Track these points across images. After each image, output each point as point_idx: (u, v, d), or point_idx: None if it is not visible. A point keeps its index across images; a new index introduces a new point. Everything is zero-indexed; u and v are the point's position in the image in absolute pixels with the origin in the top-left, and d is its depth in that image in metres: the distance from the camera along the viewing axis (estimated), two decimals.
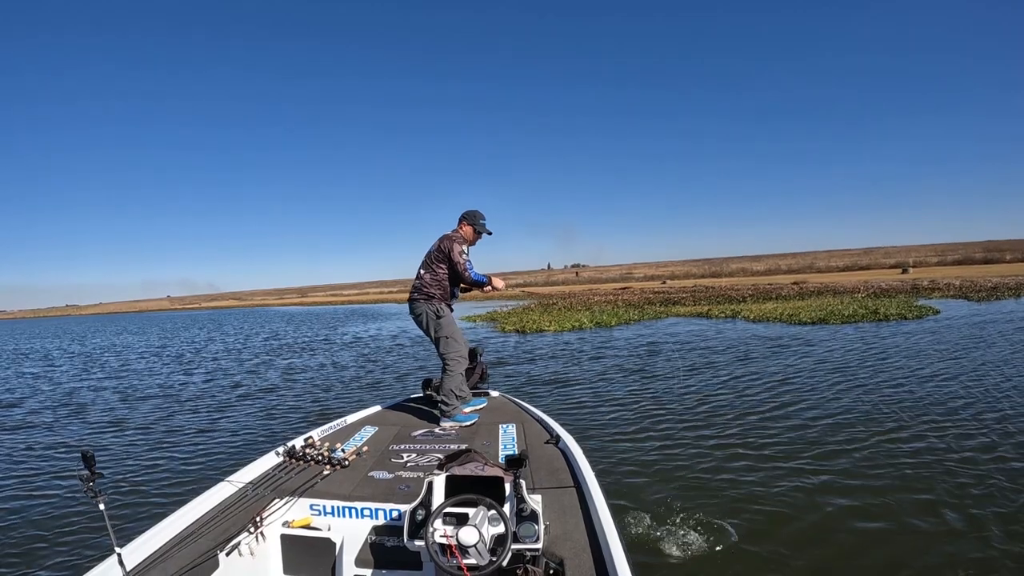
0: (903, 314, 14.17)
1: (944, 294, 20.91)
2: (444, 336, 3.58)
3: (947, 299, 19.20)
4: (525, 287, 70.56)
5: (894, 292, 22.06)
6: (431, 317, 3.59)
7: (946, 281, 27.13)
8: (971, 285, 23.22)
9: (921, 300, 18.46)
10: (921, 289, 23.06)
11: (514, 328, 17.17)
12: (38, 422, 7.63)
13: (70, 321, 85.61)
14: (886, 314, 14.24)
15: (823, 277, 46.36)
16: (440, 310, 3.60)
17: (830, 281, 36.17)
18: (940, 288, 23.04)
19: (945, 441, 4.57)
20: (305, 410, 7.27)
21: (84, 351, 20.89)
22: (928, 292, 21.76)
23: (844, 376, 7.33)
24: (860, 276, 43.42)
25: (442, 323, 3.59)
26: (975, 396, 5.93)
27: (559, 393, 7.36)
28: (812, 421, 5.37)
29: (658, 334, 13.64)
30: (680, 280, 64.02)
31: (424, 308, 3.59)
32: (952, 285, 24.13)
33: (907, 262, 54.84)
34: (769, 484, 3.87)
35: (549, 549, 1.86)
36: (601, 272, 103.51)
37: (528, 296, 39.54)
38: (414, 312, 3.67)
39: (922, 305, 16.18)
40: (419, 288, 3.62)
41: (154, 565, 1.87)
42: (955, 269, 45.50)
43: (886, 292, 22.21)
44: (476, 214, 3.71)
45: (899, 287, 24.52)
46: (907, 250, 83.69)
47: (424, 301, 3.60)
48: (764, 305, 19.28)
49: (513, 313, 22.89)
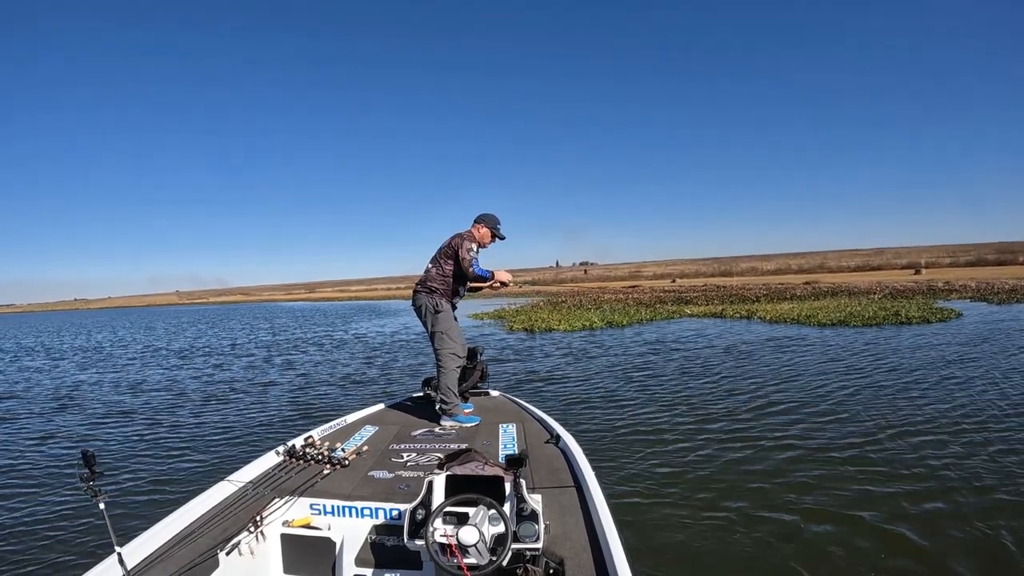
0: (926, 317, 13.71)
1: (961, 296, 20.54)
2: (439, 331, 3.60)
3: (965, 301, 18.81)
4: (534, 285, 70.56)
5: (911, 293, 21.67)
6: (429, 310, 3.61)
7: (961, 283, 26.66)
8: (988, 287, 22.80)
9: (939, 302, 18.09)
10: (937, 291, 22.63)
11: (522, 327, 16.87)
12: (38, 420, 7.67)
13: (78, 315, 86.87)
14: (908, 316, 13.80)
15: (835, 277, 45.78)
16: (439, 304, 3.61)
17: (842, 281, 35.71)
18: (957, 290, 22.64)
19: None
20: (305, 409, 7.28)
21: (88, 346, 21.09)
22: (946, 294, 21.34)
23: (876, 382, 7.03)
24: (873, 277, 42.81)
25: (439, 318, 3.60)
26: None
27: (569, 397, 7.10)
28: (831, 425, 5.24)
29: (673, 335, 13.33)
30: (690, 279, 63.58)
31: (424, 301, 3.62)
32: (968, 287, 23.72)
33: (919, 263, 54.11)
34: (794, 494, 3.73)
35: (549, 549, 1.86)
36: (610, 270, 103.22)
37: (536, 293, 39.53)
38: (415, 304, 3.71)
39: (942, 307, 15.79)
40: (423, 281, 3.67)
41: (154, 564, 1.87)
42: (969, 271, 44.70)
43: (902, 293, 21.83)
44: (493, 217, 3.78)
45: (915, 288, 24.12)
46: (918, 251, 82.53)
47: (426, 294, 3.63)
48: (779, 305, 18.99)
49: (521, 311, 22.64)
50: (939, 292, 22.12)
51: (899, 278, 37.66)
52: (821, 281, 37.49)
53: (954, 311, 14.84)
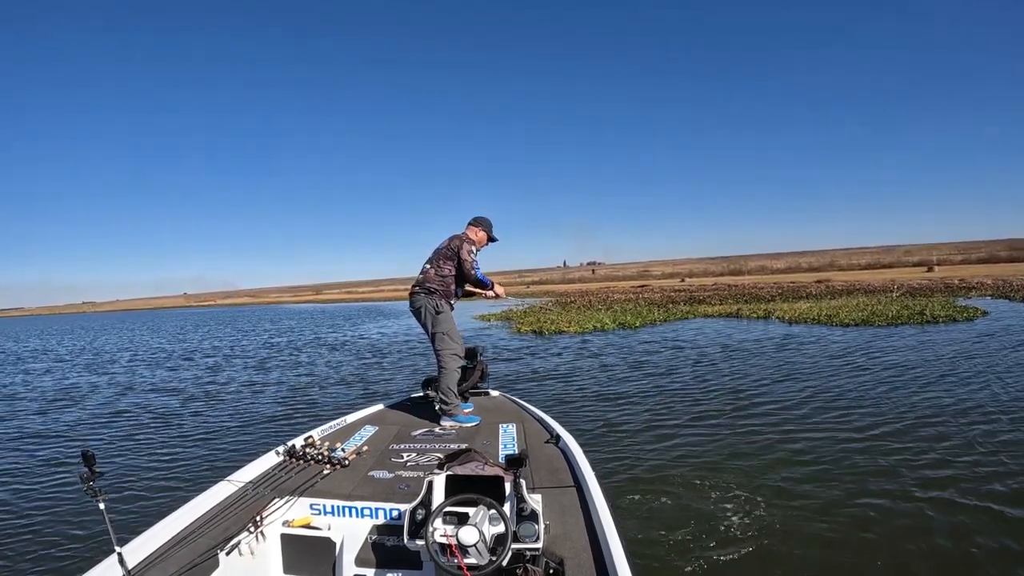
0: (952, 316, 13.27)
1: (981, 294, 20.18)
2: (440, 332, 3.59)
3: (986, 299, 18.43)
4: (541, 284, 70.59)
5: (929, 292, 21.32)
6: (430, 312, 3.60)
7: (977, 280, 26.32)
8: (1006, 285, 22.42)
9: (960, 300, 17.70)
10: (955, 288, 22.30)
11: (531, 329, 16.38)
12: (38, 421, 7.74)
13: (85, 318, 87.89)
14: (934, 315, 13.35)
15: (847, 275, 45.34)
16: (440, 306, 3.60)
17: (855, 279, 35.34)
18: (975, 287, 22.30)
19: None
20: (305, 409, 7.29)
21: (90, 347, 21.36)
22: (965, 292, 20.97)
23: (913, 381, 6.78)
24: (885, 275, 42.36)
25: (440, 319, 3.60)
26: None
27: (591, 408, 6.56)
28: (860, 423, 5.08)
29: (690, 336, 12.96)
30: (699, 278, 63.29)
31: (424, 302, 3.61)
32: (984, 284, 23.38)
33: (931, 260, 53.45)
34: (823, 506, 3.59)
35: (549, 549, 1.86)
36: (618, 270, 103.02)
37: (544, 294, 39.48)
38: (414, 306, 3.69)
39: (967, 306, 15.40)
40: (421, 283, 3.65)
41: (154, 564, 1.87)
42: (982, 268, 44.13)
43: (921, 291, 21.49)
44: (488, 221, 3.82)
45: (931, 286, 23.81)
46: (928, 248, 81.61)
47: (425, 295, 3.61)
48: (796, 304, 18.65)
49: (530, 312, 22.42)
50: (957, 290, 21.78)
51: (912, 276, 37.20)
52: (833, 279, 37.15)
53: (979, 309, 14.47)
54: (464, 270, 3.57)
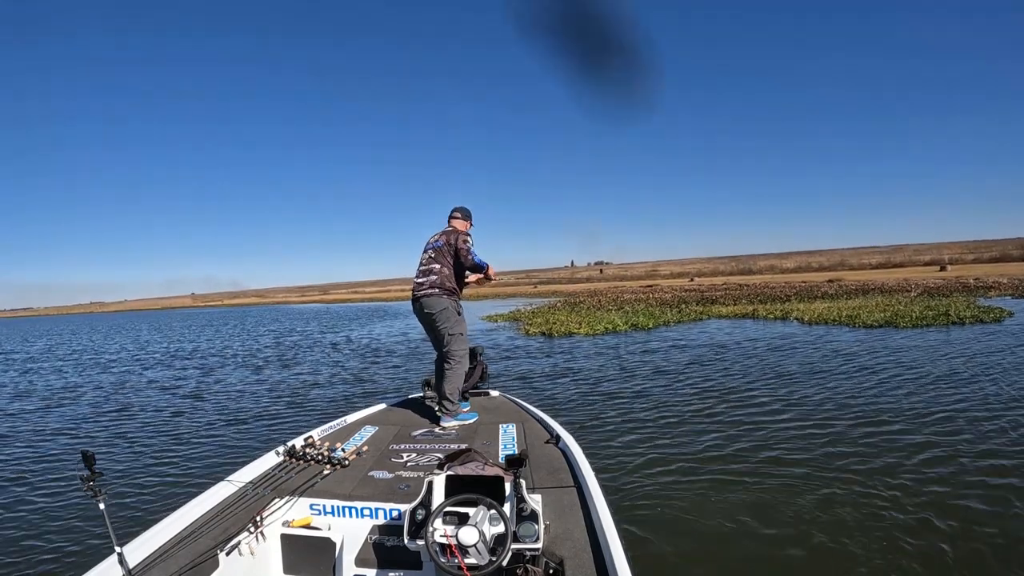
0: (979, 316, 12.75)
1: (1000, 293, 19.74)
2: (458, 333, 3.54)
3: (1006, 298, 18.02)
4: (549, 284, 70.54)
5: (947, 291, 20.88)
6: (452, 313, 3.53)
7: (992, 279, 25.92)
8: None
9: (981, 300, 17.30)
10: (972, 288, 21.84)
11: (540, 331, 15.80)
12: (39, 421, 7.74)
13: (94, 318, 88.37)
14: (959, 316, 12.86)
15: (858, 275, 44.83)
16: (459, 306, 3.60)
17: (867, 279, 34.94)
18: (992, 287, 21.86)
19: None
20: (305, 409, 7.27)
21: (92, 347, 21.45)
22: (984, 291, 20.50)
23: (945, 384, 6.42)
24: (897, 274, 41.85)
25: (460, 320, 3.56)
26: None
27: (599, 410, 6.29)
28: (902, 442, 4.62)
29: (707, 337, 12.51)
30: (708, 278, 62.87)
31: (447, 303, 3.51)
32: (1001, 283, 22.96)
33: (943, 259, 52.68)
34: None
35: (549, 549, 1.86)
36: (626, 269, 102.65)
37: (552, 294, 39.41)
38: (432, 307, 3.51)
39: (990, 306, 14.98)
40: (439, 284, 3.51)
41: (154, 564, 1.87)
42: (995, 267, 43.38)
43: (939, 291, 21.05)
44: (468, 210, 3.80)
45: (947, 286, 23.38)
46: (938, 247, 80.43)
47: (447, 296, 3.52)
48: (813, 304, 18.25)
49: (538, 312, 22.06)
50: (974, 289, 21.35)
51: (925, 275, 36.68)
52: (845, 279, 36.76)
53: (1004, 310, 14.09)
54: (461, 260, 3.52)
